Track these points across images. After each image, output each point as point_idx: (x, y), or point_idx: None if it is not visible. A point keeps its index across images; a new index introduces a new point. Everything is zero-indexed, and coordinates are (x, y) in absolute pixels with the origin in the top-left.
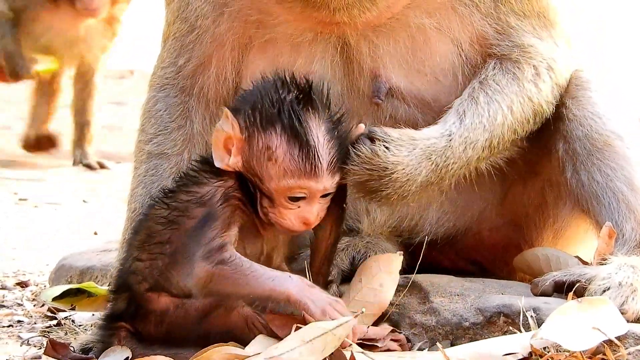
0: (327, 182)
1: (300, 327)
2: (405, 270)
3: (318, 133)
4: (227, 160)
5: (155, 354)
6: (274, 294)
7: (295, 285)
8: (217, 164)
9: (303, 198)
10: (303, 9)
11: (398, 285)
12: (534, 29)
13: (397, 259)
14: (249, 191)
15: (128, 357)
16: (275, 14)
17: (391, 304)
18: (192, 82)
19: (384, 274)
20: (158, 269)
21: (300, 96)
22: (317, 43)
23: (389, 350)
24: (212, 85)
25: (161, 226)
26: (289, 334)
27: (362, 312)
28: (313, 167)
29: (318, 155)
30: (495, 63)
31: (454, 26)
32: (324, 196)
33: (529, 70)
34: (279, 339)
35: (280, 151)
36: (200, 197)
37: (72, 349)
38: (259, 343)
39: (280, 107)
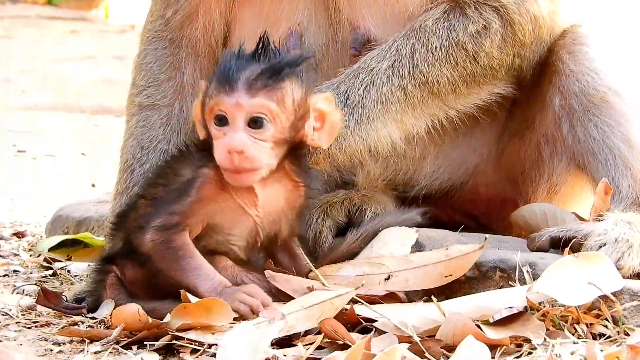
0: (243, 99)
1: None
2: None
3: (238, 57)
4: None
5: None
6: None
7: (212, 293)
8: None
9: (227, 123)
10: None
11: None
12: None
13: (412, 234)
14: None
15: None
16: None
17: None
18: (181, 34)
19: (396, 244)
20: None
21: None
22: None
23: None
24: (200, 36)
25: (170, 171)
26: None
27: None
28: (226, 81)
29: (232, 72)
30: (445, 9)
31: None
32: (253, 127)
33: (475, 24)
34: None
35: (212, 85)
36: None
37: (64, 298)
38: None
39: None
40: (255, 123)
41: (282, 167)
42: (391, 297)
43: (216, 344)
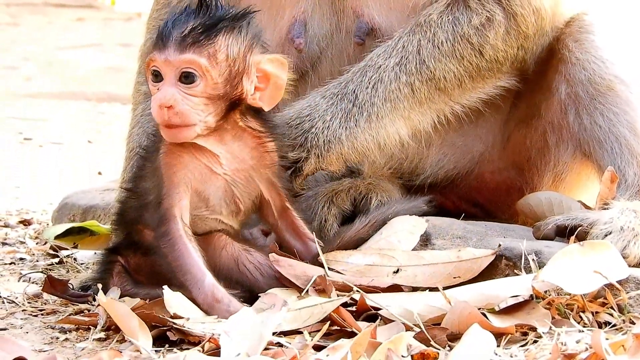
0: (173, 55)
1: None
2: None
3: (177, 14)
4: None
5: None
6: (186, 290)
7: (203, 305)
8: None
9: (162, 79)
10: None
11: None
12: None
13: (422, 224)
14: None
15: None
16: None
17: None
18: None
19: (406, 233)
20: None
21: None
22: None
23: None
24: None
25: (147, 161)
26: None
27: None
28: (160, 38)
29: (167, 28)
30: (448, 1)
31: None
32: (184, 82)
33: (479, 16)
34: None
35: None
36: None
37: (70, 286)
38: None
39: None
40: (186, 78)
41: (233, 123)
42: (395, 289)
43: (219, 333)
